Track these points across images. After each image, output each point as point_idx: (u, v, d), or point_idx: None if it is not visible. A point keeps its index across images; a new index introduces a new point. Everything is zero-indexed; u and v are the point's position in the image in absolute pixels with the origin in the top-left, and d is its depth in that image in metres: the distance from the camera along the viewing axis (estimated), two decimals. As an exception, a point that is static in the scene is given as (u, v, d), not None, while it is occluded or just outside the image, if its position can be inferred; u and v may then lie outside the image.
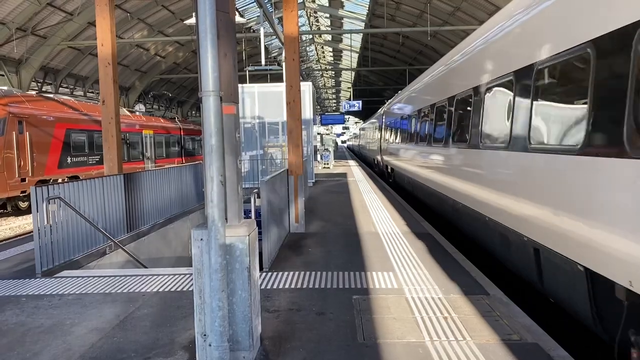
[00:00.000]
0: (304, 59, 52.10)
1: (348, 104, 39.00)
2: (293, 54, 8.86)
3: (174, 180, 10.99)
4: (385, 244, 7.84)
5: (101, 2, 9.38)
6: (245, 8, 33.13)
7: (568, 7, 4.41)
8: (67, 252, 6.94)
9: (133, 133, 25.28)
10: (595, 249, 3.78)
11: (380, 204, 12.38)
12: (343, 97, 78.68)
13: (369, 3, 31.43)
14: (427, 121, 10.71)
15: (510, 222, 5.55)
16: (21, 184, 16.57)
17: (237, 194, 3.83)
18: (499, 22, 6.35)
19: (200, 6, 3.30)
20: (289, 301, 5.17)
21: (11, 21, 22.33)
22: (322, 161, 28.57)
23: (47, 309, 5.14)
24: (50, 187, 6.60)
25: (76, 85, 31.90)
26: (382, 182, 18.56)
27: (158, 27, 30.21)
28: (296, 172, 8.98)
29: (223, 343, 3.40)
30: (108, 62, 9.45)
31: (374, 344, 4.06)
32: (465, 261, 6.75)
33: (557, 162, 4.43)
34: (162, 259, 9.86)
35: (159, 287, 5.82)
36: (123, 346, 4.13)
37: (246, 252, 3.66)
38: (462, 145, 7.57)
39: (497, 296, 5.23)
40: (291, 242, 8.19)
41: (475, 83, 7.05)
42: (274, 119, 16.82)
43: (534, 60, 4.99)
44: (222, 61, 3.59)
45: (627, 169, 3.39)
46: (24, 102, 17.45)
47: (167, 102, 45.20)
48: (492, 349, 3.93)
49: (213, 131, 3.37)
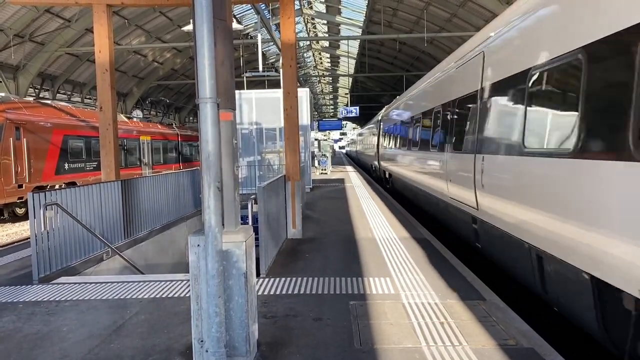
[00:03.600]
0: (301, 65, 52.29)
1: (345, 110, 39.08)
2: (290, 60, 8.90)
3: (171, 187, 11.00)
4: (382, 249, 7.85)
5: (99, 9, 9.44)
6: (243, 15, 33.25)
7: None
8: (64, 259, 6.94)
9: (130, 139, 25.28)
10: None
11: (378, 210, 12.40)
12: (340, 103, 78.86)
13: (365, 10, 31.59)
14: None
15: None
16: (18, 190, 16.54)
17: (234, 200, 3.85)
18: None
19: (198, 13, 3.33)
20: (286, 307, 5.18)
21: (9, 27, 22.37)
22: (320, 167, 28.58)
23: (44, 315, 5.13)
24: (48, 193, 6.61)
25: (74, 91, 31.94)
26: (379, 188, 18.59)
27: (156, 33, 30.30)
28: (294, 178, 9.00)
29: (220, 349, 3.40)
30: (105, 69, 9.49)
31: (371, 349, 4.07)
32: (461, 266, 6.77)
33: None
34: (159, 265, 9.85)
35: (156, 293, 5.82)
36: (120, 352, 4.13)
37: (243, 258, 3.68)
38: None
39: (493, 301, 5.25)
40: (288, 247, 8.20)
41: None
42: (272, 125, 16.87)
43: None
44: (219, 68, 3.62)
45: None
46: (21, 109, 17.45)
47: (165, 108, 45.24)
48: (488, 354, 3.94)
49: (210, 137, 3.39)
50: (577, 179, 4.00)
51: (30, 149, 17.16)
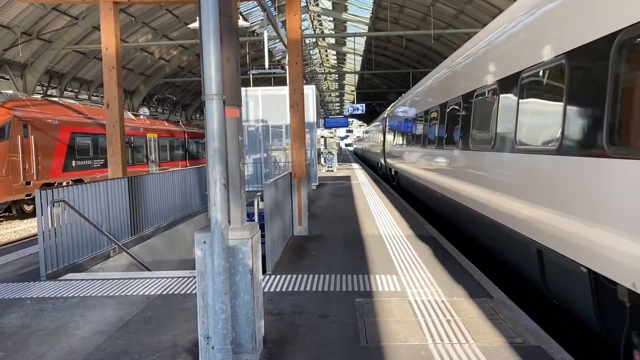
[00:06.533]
0: (307, 62, 52.21)
1: (352, 107, 38.92)
2: (296, 58, 8.88)
3: (178, 184, 11.03)
4: (389, 246, 7.84)
5: (106, 7, 9.45)
6: (249, 12, 33.22)
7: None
8: (72, 255, 6.97)
9: (137, 136, 25.37)
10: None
11: (384, 207, 12.38)
12: (347, 100, 78.70)
13: (372, 6, 31.48)
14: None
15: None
16: (26, 187, 16.65)
17: (240, 197, 3.84)
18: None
19: (204, 10, 3.32)
20: (292, 304, 5.18)
21: (16, 25, 22.47)
22: (326, 164, 28.55)
23: (52, 312, 5.16)
24: (55, 190, 6.64)
25: (81, 89, 32.05)
26: (385, 185, 18.55)
27: (162, 31, 30.34)
28: (300, 175, 9.00)
29: (226, 346, 3.41)
30: (112, 66, 9.51)
31: (377, 346, 4.06)
32: (468, 264, 6.74)
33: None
34: (166, 262, 9.89)
35: (162, 289, 5.84)
36: (126, 349, 4.14)
37: (249, 255, 3.67)
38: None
39: (500, 299, 5.22)
40: (294, 244, 8.20)
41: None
42: (278, 122, 16.86)
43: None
44: (225, 65, 3.61)
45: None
46: (29, 106, 17.55)
47: (171, 105, 45.35)
48: (495, 352, 3.92)
49: (216, 134, 3.38)
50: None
51: (37, 146, 17.26)
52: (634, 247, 3.31)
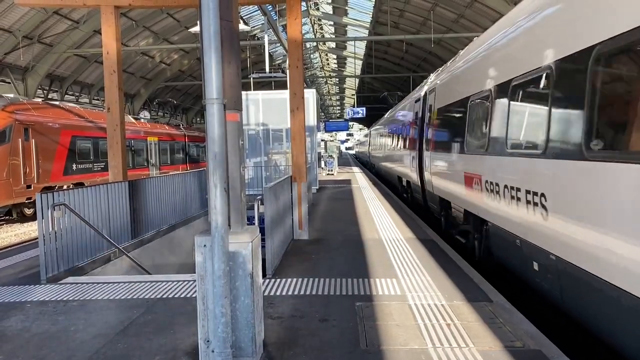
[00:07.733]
0: (308, 66, 52.31)
1: (352, 111, 39.00)
2: (297, 61, 8.91)
3: (178, 187, 11.04)
4: (389, 250, 7.84)
5: (106, 10, 9.49)
6: (250, 16, 33.31)
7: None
8: (72, 259, 6.98)
9: (138, 140, 25.40)
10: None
11: (384, 211, 12.38)
12: (347, 104, 78.81)
13: (372, 10, 31.56)
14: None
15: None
16: (27, 190, 16.66)
17: (240, 201, 3.85)
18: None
19: (204, 15, 3.34)
20: (292, 307, 5.18)
21: (18, 29, 22.56)
22: (326, 168, 28.56)
23: (52, 315, 5.16)
24: (55, 193, 6.65)
25: (82, 92, 32.13)
26: (385, 189, 18.46)
27: (163, 34, 30.43)
28: (300, 179, 9.01)
29: (226, 349, 3.41)
30: (113, 70, 9.54)
31: (377, 350, 4.06)
32: (468, 268, 6.74)
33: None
34: (166, 266, 9.89)
35: (162, 293, 5.84)
36: (127, 352, 4.14)
37: (249, 259, 3.68)
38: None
39: (500, 303, 5.22)
40: (294, 248, 8.20)
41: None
42: (278, 125, 16.88)
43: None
44: (225, 69, 3.63)
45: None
46: (29, 110, 17.59)
47: (172, 109, 45.42)
48: (495, 356, 3.92)
49: (217, 138, 3.40)
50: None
51: (38, 149, 17.28)
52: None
